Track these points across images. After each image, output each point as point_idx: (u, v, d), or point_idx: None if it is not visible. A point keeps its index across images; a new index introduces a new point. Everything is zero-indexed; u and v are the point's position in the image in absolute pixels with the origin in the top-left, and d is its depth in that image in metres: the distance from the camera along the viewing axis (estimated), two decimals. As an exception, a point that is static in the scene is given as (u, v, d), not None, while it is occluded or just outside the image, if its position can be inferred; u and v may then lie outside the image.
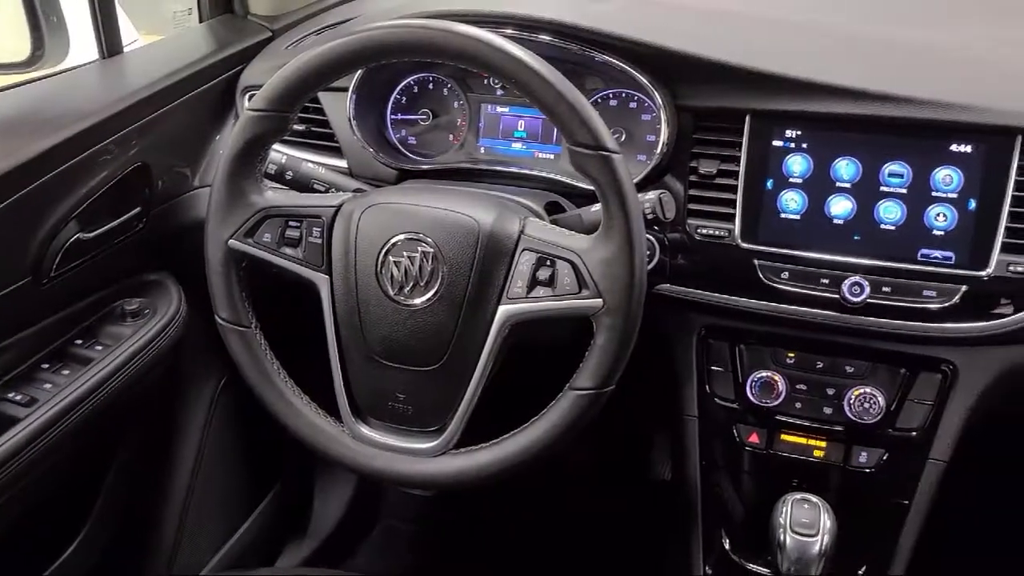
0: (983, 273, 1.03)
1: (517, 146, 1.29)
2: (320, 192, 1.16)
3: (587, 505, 1.87)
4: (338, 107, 1.26)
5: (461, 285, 0.97)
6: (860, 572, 1.16)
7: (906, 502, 1.13)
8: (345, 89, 1.24)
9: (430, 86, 1.31)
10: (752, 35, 1.19)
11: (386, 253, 0.99)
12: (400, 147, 1.32)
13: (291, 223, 1.02)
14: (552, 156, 1.26)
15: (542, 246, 0.96)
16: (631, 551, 1.71)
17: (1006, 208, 1.02)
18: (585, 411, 0.94)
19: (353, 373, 1.03)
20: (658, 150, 1.14)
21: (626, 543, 1.74)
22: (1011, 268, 1.02)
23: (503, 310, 0.97)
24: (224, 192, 1.01)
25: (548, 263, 0.95)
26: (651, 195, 1.04)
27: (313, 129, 1.31)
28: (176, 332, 1.24)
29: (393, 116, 1.33)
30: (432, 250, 0.98)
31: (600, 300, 0.92)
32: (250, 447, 1.59)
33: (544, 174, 1.23)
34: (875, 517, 1.15)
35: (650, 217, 1.03)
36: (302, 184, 1.16)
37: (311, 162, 1.19)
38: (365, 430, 1.04)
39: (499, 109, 1.29)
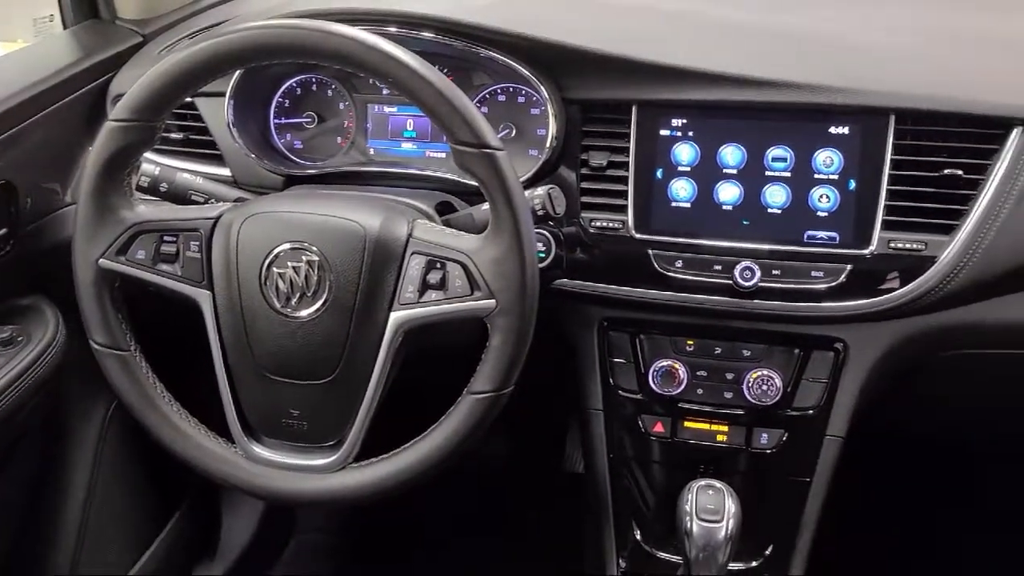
0: (866, 251, 1.05)
1: (407, 146, 1.26)
2: (199, 204, 1.10)
3: (505, 502, 1.86)
4: (216, 113, 1.21)
5: (350, 293, 0.94)
6: (767, 552, 1.18)
7: (807, 479, 1.15)
8: (222, 94, 1.19)
9: (314, 87, 1.27)
10: (636, 25, 1.19)
11: (269, 264, 0.95)
12: (286, 152, 1.28)
13: (166, 238, 0.97)
14: (444, 155, 1.24)
15: (431, 248, 0.94)
16: (551, 546, 1.71)
17: (884, 187, 1.05)
18: (485, 415, 0.93)
19: (243, 391, 0.99)
20: (548, 144, 1.13)
21: (546, 538, 1.74)
22: (892, 245, 1.05)
23: (395, 317, 0.94)
24: (91, 209, 0.95)
25: (438, 266, 0.93)
26: (540, 191, 1.03)
27: (192, 137, 1.26)
28: (55, 359, 1.17)
29: (276, 120, 1.28)
30: (318, 259, 0.94)
31: (493, 301, 0.91)
32: (150, 470, 1.52)
33: (436, 173, 1.21)
34: (779, 496, 1.17)
35: (540, 213, 1.02)
36: (179, 196, 1.11)
37: (188, 172, 1.13)
38: (259, 450, 0.99)
39: (387, 109, 1.26)
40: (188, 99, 1.22)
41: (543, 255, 1.12)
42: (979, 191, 1.03)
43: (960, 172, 1.03)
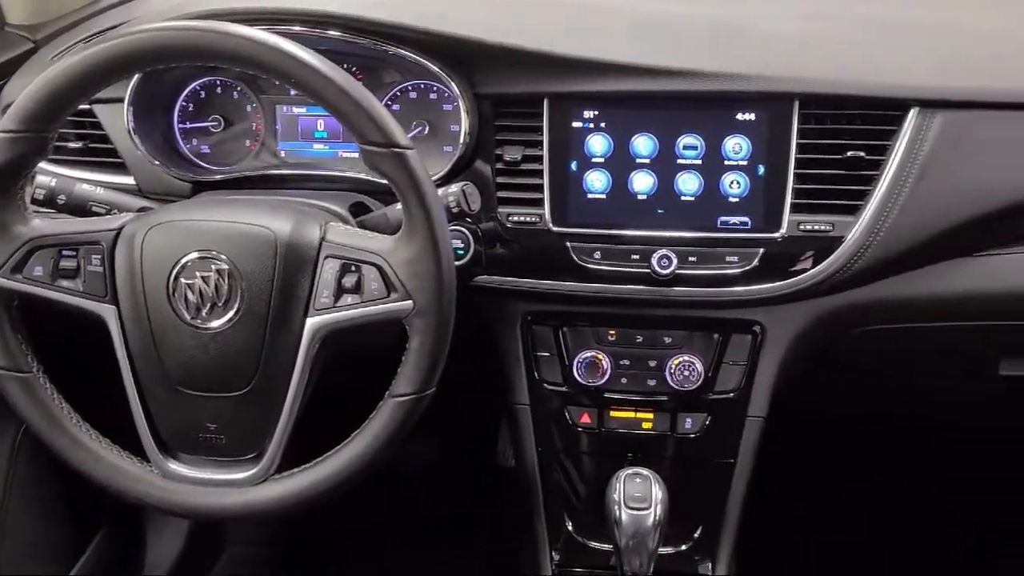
0: (777, 235, 1.08)
1: (319, 147, 1.23)
2: (100, 215, 1.06)
3: (438, 502, 1.85)
4: (116, 119, 1.17)
5: (263, 301, 0.91)
6: (696, 535, 1.20)
7: (731, 461, 1.17)
8: (121, 99, 1.15)
9: (218, 90, 1.24)
10: (546, 18, 1.19)
11: (177, 275, 0.92)
12: (192, 158, 1.24)
13: (65, 252, 0.93)
14: (356, 155, 1.21)
15: (345, 251, 0.92)
16: (486, 542, 1.71)
17: (791, 171, 1.07)
18: (407, 417, 0.91)
19: (155, 407, 0.96)
20: (462, 140, 1.13)
21: (481, 535, 1.74)
22: (801, 227, 1.07)
23: (311, 323, 0.92)
24: None
25: (353, 268, 0.92)
26: (454, 188, 1.02)
27: (91, 145, 1.21)
28: None
29: (181, 125, 1.24)
30: (227, 267, 0.91)
31: (410, 302, 0.89)
32: (64, 494, 1.46)
33: (349, 174, 1.19)
34: (705, 479, 1.19)
35: (455, 211, 1.01)
36: (78, 208, 1.06)
37: (88, 182, 1.09)
38: (175, 466, 0.96)
39: (295, 110, 1.23)
40: (85, 106, 1.17)
41: (461, 252, 1.11)
42: (881, 172, 1.06)
43: (862, 154, 1.06)
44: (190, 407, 0.94)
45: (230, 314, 0.91)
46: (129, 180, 1.20)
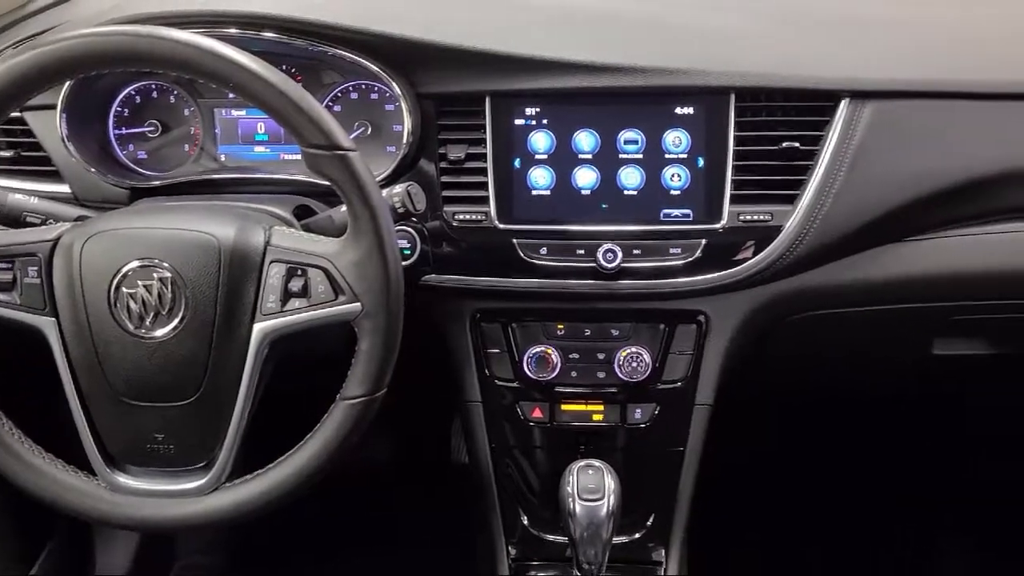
0: (718, 225, 1.10)
1: (260, 150, 1.22)
2: (36, 225, 1.03)
3: (393, 502, 1.85)
4: (48, 127, 1.14)
5: (208, 308, 0.90)
6: (649, 523, 1.22)
7: (681, 449, 1.19)
8: (53, 106, 1.12)
9: (154, 94, 1.22)
10: (485, 16, 1.19)
11: (118, 285, 0.90)
12: (129, 164, 1.22)
13: (0, 265, 0.91)
14: (299, 157, 1.18)
15: (291, 255, 0.92)
16: (442, 539, 1.71)
17: (730, 163, 1.09)
18: (359, 420, 0.91)
19: (100, 420, 0.94)
20: (405, 140, 1.12)
21: (436, 531, 1.74)
22: (741, 217, 1.09)
23: (258, 328, 0.91)
24: None
25: (299, 272, 0.91)
26: (398, 189, 1.02)
27: (23, 154, 1.18)
28: None
29: (117, 131, 1.22)
30: (170, 275, 0.90)
31: (358, 304, 0.89)
32: (9, 511, 1.43)
33: (293, 176, 1.18)
34: (656, 468, 1.21)
35: (401, 211, 1.01)
36: (12, 218, 1.04)
37: (21, 192, 1.06)
38: (123, 479, 0.95)
39: (235, 113, 1.22)
40: (16, 113, 1.14)
41: (408, 252, 1.12)
42: (815, 162, 1.09)
43: (797, 144, 1.09)
44: (137, 418, 0.93)
45: (175, 323, 0.90)
46: (64, 188, 1.17)
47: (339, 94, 1.19)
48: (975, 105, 1.10)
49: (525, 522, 1.24)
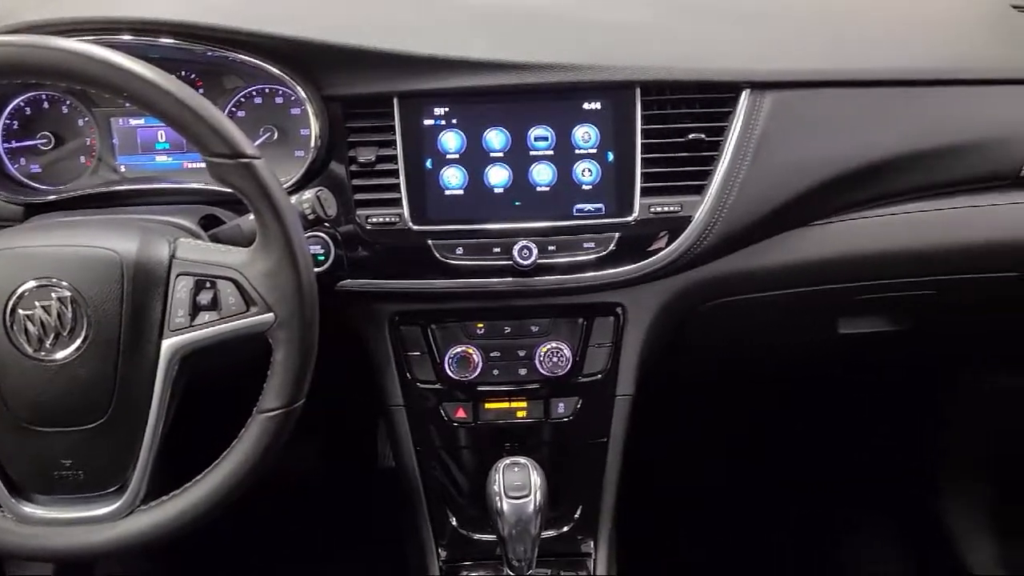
0: (630, 218, 1.11)
1: (162, 159, 1.18)
2: None
3: (322, 508, 1.82)
4: (-70, 143, 1.08)
5: (112, 327, 0.87)
6: (576, 515, 1.23)
7: (604, 440, 1.21)
8: (-67, 122, 1.06)
9: (45, 105, 1.16)
10: (388, 16, 1.18)
11: (14, 307, 0.86)
12: (22, 179, 1.16)
13: None
14: (204, 164, 1.17)
15: (198, 268, 0.89)
16: (371, 545, 1.70)
17: (639, 156, 1.11)
18: (278, 432, 0.90)
19: (3, 448, 0.90)
20: (313, 144, 1.11)
21: (365, 538, 1.72)
22: (652, 210, 1.11)
23: (167, 344, 0.89)
24: None
25: (208, 285, 0.89)
26: (308, 194, 1.00)
27: (-97, 173, 1.12)
28: None
29: (7, 145, 1.16)
30: (70, 294, 0.87)
31: (271, 314, 0.88)
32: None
33: (198, 185, 1.14)
34: (581, 461, 1.22)
35: (311, 217, 1.00)
36: None
37: None
38: (30, 509, 0.91)
39: (133, 122, 1.17)
40: None
41: (322, 258, 1.10)
42: (720, 152, 1.11)
43: (703, 136, 1.11)
44: (42, 444, 0.89)
45: (77, 343, 0.87)
46: (-50, 208, 1.12)
47: (242, 99, 1.16)
48: (868, 92, 1.14)
49: (454, 523, 1.24)
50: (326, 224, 1.10)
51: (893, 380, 1.78)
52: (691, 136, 1.11)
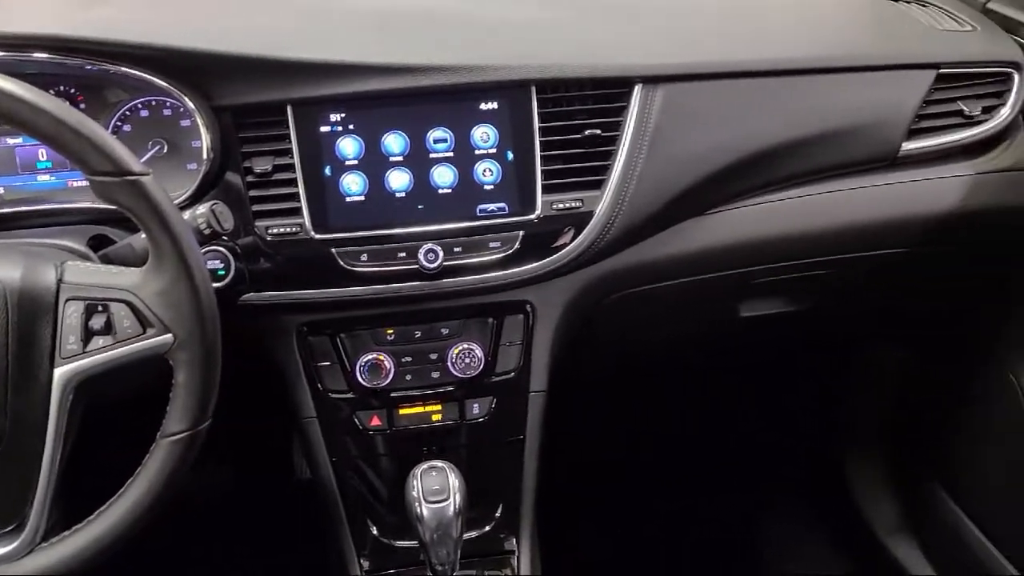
0: (533, 216, 1.12)
1: (44, 178, 1.13)
2: None
3: (240, 526, 1.78)
4: None
5: None
6: (497, 514, 1.24)
7: (521, 437, 1.22)
8: None
9: None
10: (275, 22, 1.16)
11: None
12: None
13: None
14: None
15: (88, 291, 0.86)
16: (291, 560, 1.67)
17: (538, 154, 1.12)
18: (184, 456, 0.87)
19: None
20: (205, 156, 1.07)
21: (285, 553, 1.69)
22: (554, 206, 1.12)
23: (59, 373, 0.85)
24: None
25: (100, 308, 0.85)
26: (202, 209, 0.97)
27: None
28: None
29: None
30: None
31: (170, 336, 0.85)
32: None
33: (84, 204, 1.09)
34: (499, 460, 1.22)
35: (207, 232, 0.97)
36: None
37: None
38: (-80, 557, 0.86)
39: (10, 140, 1.12)
40: None
41: (222, 273, 1.07)
42: (617, 147, 1.13)
43: (599, 131, 1.12)
44: None
45: (-41, 378, 0.82)
46: None
47: (127, 113, 1.12)
48: (753, 83, 1.18)
49: (375, 532, 1.23)
50: (224, 238, 1.06)
51: (795, 359, 1.85)
52: (588, 132, 1.12)
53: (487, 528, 1.24)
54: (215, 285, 1.03)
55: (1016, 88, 1.25)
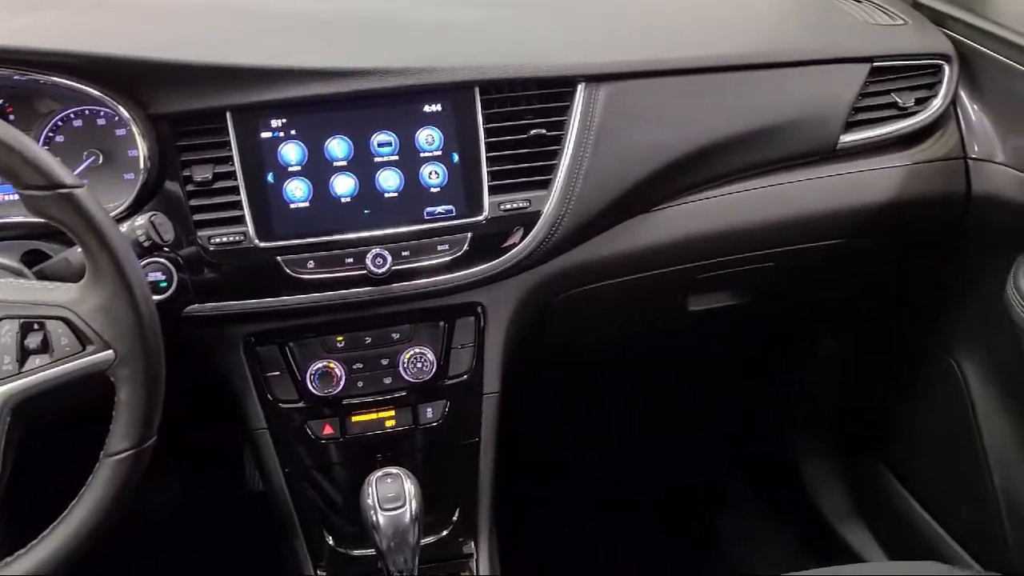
0: (481, 218, 1.12)
1: None
2: None
3: (193, 541, 1.74)
4: None
5: None
6: (454, 518, 1.23)
7: (476, 440, 1.21)
8: None
9: None
10: (213, 27, 1.14)
11: None
12: None
13: None
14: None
15: (22, 309, 0.83)
16: (247, 571, 1.64)
17: (484, 155, 1.11)
18: (129, 474, 0.85)
19: None
20: (142, 166, 1.05)
21: (241, 564, 1.66)
22: (502, 207, 1.12)
23: None
24: None
25: (36, 327, 0.83)
26: (141, 220, 0.95)
27: None
28: None
29: None
30: None
31: (110, 352, 0.83)
32: None
33: (17, 219, 1.06)
34: (455, 464, 1.22)
35: (147, 244, 0.95)
36: None
37: None
38: None
39: None
40: None
41: (164, 285, 1.04)
42: (563, 146, 1.13)
43: (544, 131, 1.13)
44: None
45: None
46: None
47: (59, 123, 1.09)
48: (696, 80, 1.19)
49: (331, 542, 1.21)
50: (165, 249, 1.04)
51: (744, 353, 1.88)
52: (533, 132, 1.12)
53: (444, 532, 1.23)
54: (157, 298, 1.01)
55: (947, 79, 1.28)
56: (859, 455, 1.77)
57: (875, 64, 1.25)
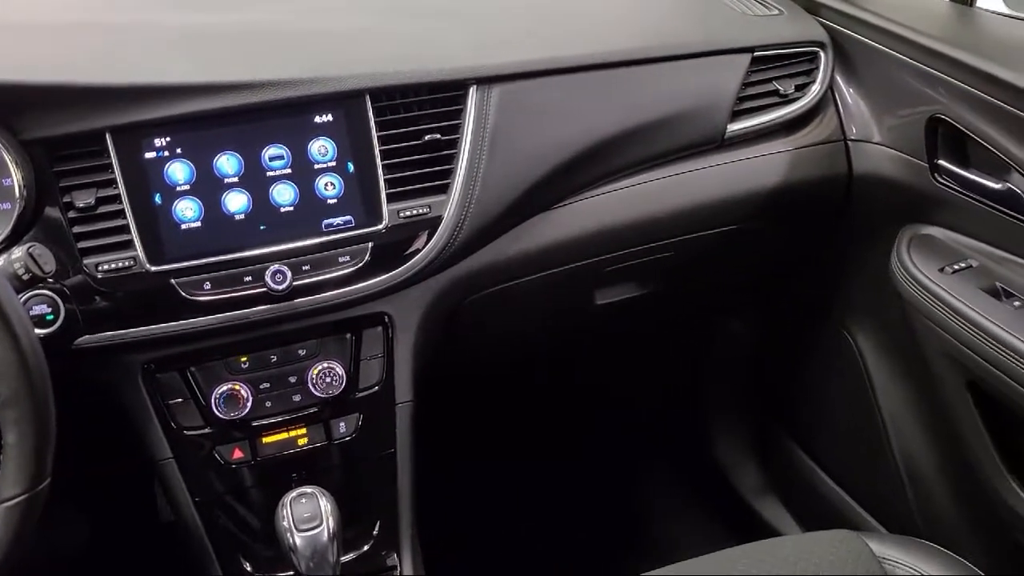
0: (381, 227, 1.10)
1: None
2: None
3: (102, 573, 1.67)
4: None
5: None
6: (375, 532, 1.21)
7: (392, 450, 1.20)
8: None
9: None
10: (82, 46, 1.09)
11: None
12: None
13: None
14: None
15: None
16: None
17: (379, 163, 1.10)
18: (23, 520, 0.80)
19: None
20: (17, 195, 0.99)
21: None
22: (402, 215, 1.11)
23: None
24: None
25: None
26: (18, 252, 0.90)
27: None
28: None
29: None
30: None
31: None
32: None
33: None
34: (373, 476, 1.20)
35: (26, 277, 0.90)
36: None
37: None
38: None
39: None
40: None
41: (51, 317, 0.99)
42: (459, 149, 1.13)
43: (439, 135, 1.12)
44: None
45: None
46: None
47: None
48: (584, 77, 1.21)
49: (248, 568, 1.17)
50: (49, 280, 0.99)
51: (655, 340, 1.92)
52: (428, 137, 1.12)
53: (366, 547, 1.21)
54: (44, 331, 0.97)
55: (823, 66, 1.34)
56: (770, 432, 1.83)
57: (755, 54, 1.30)
